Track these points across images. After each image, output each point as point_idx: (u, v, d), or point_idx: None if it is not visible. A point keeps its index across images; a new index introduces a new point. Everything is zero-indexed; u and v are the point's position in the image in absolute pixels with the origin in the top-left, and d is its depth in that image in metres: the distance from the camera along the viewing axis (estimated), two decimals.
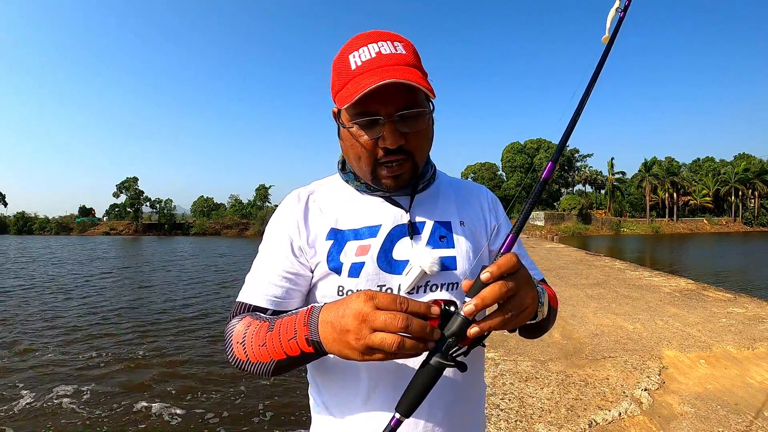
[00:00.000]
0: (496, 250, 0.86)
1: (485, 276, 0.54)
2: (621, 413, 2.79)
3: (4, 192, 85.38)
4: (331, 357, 0.70)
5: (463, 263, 0.78)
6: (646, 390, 3.12)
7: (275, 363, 0.64)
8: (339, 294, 0.75)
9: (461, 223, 0.82)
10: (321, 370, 0.79)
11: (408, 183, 0.77)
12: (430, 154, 0.85)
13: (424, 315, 0.55)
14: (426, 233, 0.78)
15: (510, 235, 0.58)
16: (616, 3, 0.73)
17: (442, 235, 0.79)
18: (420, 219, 0.79)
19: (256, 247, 0.82)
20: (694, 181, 66.53)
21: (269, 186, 74.45)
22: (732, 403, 2.92)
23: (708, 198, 63.94)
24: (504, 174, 69.27)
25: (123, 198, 75.44)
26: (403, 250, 0.76)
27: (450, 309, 0.56)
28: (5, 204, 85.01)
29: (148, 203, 74.85)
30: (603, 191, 67.33)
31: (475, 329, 0.54)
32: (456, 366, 0.55)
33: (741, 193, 62.15)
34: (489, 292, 0.54)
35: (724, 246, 32.92)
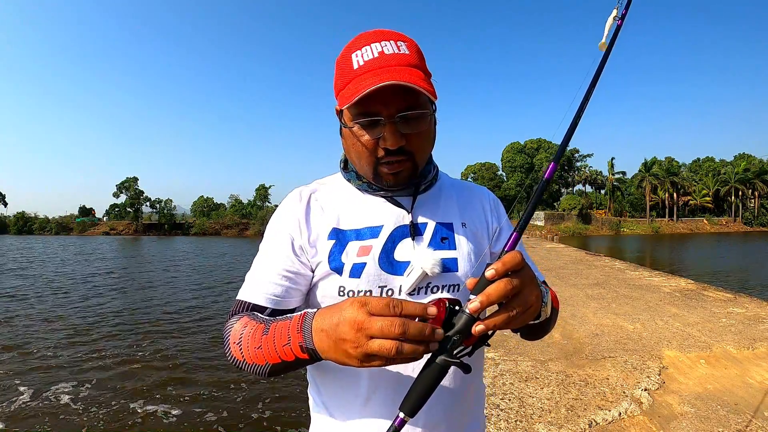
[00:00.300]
0: (498, 251, 0.86)
1: (490, 273, 0.54)
2: (621, 413, 2.79)
3: (4, 192, 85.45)
4: None
5: (465, 265, 0.78)
6: (646, 390, 3.12)
7: (270, 366, 0.64)
8: (340, 294, 0.75)
9: (463, 225, 0.82)
10: (321, 370, 0.79)
11: (407, 181, 0.77)
12: (432, 155, 0.85)
13: (421, 316, 0.54)
14: (428, 234, 0.78)
15: (514, 234, 0.58)
16: (614, 12, 0.73)
17: (443, 237, 0.79)
18: (422, 220, 0.79)
19: (256, 247, 0.82)
20: (694, 181, 66.53)
21: (269, 186, 74.51)
22: (732, 403, 2.92)
23: (708, 198, 63.95)
24: (504, 174, 69.24)
25: (123, 198, 75.41)
26: (405, 251, 0.76)
27: (454, 308, 0.55)
28: (5, 204, 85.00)
29: (148, 203, 74.77)
30: (603, 191, 67.38)
31: (481, 327, 0.54)
32: (460, 366, 0.54)
33: (741, 193, 62.16)
34: (494, 289, 0.53)
35: (724, 246, 32.92)
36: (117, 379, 5.92)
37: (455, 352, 0.54)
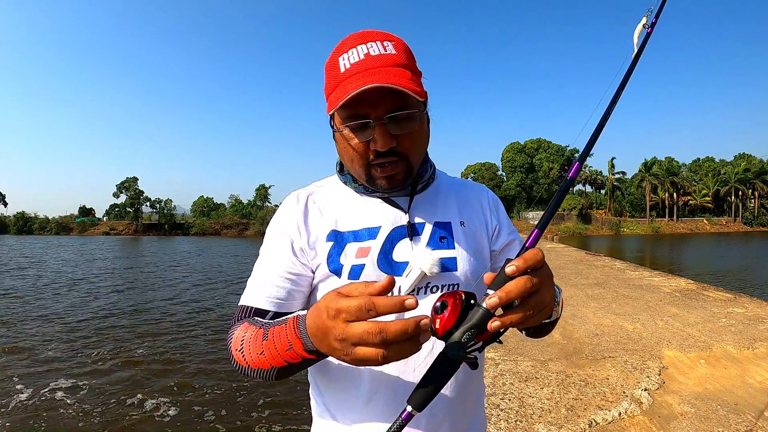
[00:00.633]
0: (497, 250, 0.86)
1: (510, 269, 0.52)
2: (621, 413, 2.79)
3: (4, 192, 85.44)
4: (332, 359, 0.69)
5: (464, 264, 0.77)
6: (646, 390, 3.13)
7: (276, 370, 0.64)
8: None
9: (461, 224, 0.82)
10: (322, 371, 0.79)
11: (403, 183, 0.76)
12: (429, 154, 0.85)
13: (400, 312, 0.50)
14: (426, 234, 0.78)
15: (535, 230, 0.56)
16: (643, 19, 0.73)
17: (442, 236, 0.79)
18: (419, 220, 0.79)
19: (256, 247, 0.82)
20: (694, 181, 66.51)
21: (269, 186, 74.38)
22: (732, 403, 2.92)
23: (708, 198, 63.93)
24: (504, 174, 69.26)
25: (123, 198, 75.40)
26: (403, 251, 0.76)
27: (470, 302, 0.53)
28: (5, 204, 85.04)
29: (148, 203, 74.79)
30: (603, 191, 67.33)
31: (497, 323, 0.51)
32: (469, 362, 0.52)
33: (741, 193, 62.15)
34: (514, 285, 0.51)
35: (724, 246, 32.92)
36: (116, 379, 5.92)
37: (468, 347, 0.52)
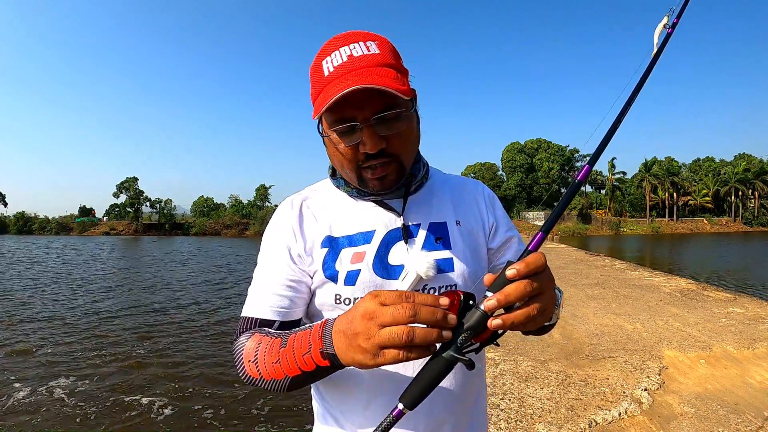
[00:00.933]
0: (495, 247, 0.85)
1: (511, 273, 0.52)
2: (621, 413, 2.79)
3: (4, 192, 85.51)
4: None
5: (460, 264, 0.77)
6: (646, 390, 3.13)
7: (290, 379, 0.63)
8: (336, 302, 0.74)
9: (457, 223, 0.81)
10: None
11: (396, 184, 0.75)
12: (422, 153, 0.84)
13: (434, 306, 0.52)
14: (421, 236, 0.77)
15: (539, 233, 0.56)
16: (664, 19, 0.73)
17: (437, 237, 0.78)
18: (414, 222, 0.78)
19: (256, 247, 0.82)
20: (694, 181, 66.54)
21: (269, 186, 74.38)
22: (732, 403, 2.92)
23: (708, 198, 63.95)
24: (504, 174, 69.27)
25: (123, 198, 75.40)
26: (399, 254, 0.75)
27: (468, 302, 0.54)
28: (5, 204, 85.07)
29: (148, 203, 74.79)
30: (603, 191, 67.39)
31: (498, 321, 0.52)
32: (465, 362, 0.53)
33: (741, 193, 62.16)
34: (514, 289, 0.52)
35: (724, 246, 32.92)
36: (115, 377, 5.91)
37: (463, 348, 0.53)
